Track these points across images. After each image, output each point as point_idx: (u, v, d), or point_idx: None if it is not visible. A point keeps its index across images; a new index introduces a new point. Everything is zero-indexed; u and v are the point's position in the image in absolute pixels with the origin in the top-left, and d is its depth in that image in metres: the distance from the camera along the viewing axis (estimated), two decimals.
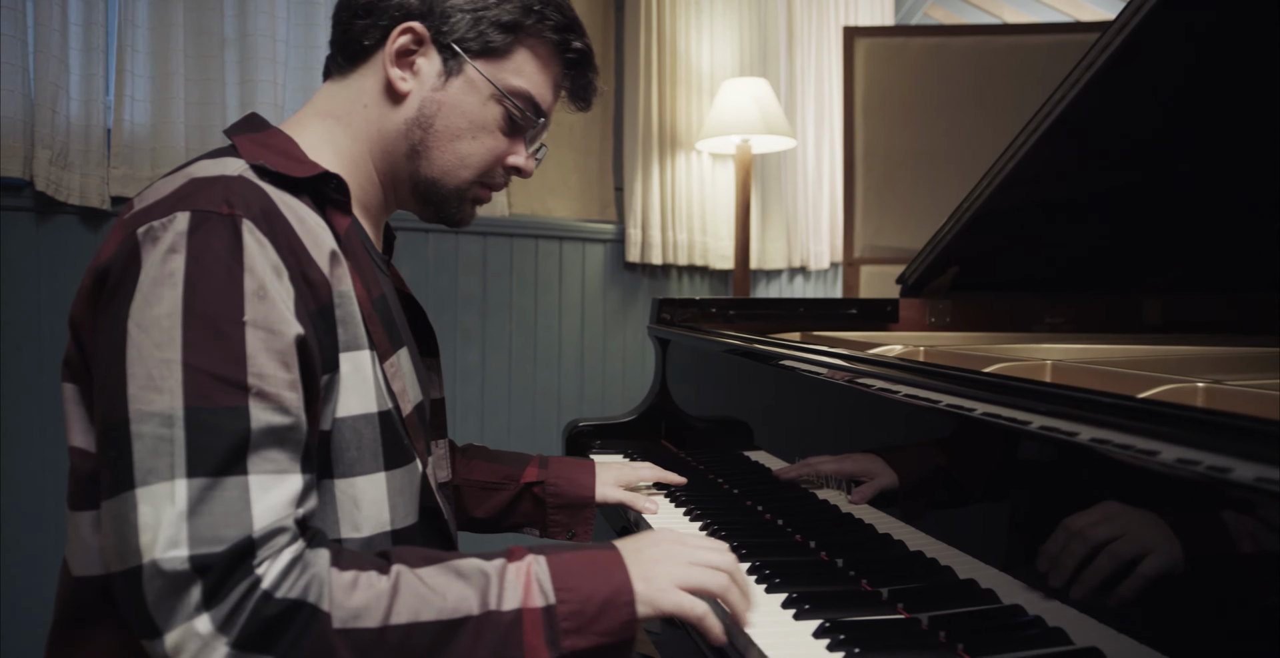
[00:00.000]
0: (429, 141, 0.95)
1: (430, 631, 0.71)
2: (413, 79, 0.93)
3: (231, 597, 0.67)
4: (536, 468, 1.24)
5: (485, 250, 2.75)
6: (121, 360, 0.71)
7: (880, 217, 3.01)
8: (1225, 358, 1.25)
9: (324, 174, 0.86)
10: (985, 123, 2.88)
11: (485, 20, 0.92)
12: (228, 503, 0.68)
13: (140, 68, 2.05)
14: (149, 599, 0.66)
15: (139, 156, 2.03)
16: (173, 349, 0.70)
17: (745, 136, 2.92)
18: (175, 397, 0.69)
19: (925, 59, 3.00)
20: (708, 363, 1.60)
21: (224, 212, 0.75)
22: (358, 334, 0.83)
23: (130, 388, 0.70)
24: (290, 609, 0.68)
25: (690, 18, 3.16)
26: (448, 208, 1.00)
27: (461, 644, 0.71)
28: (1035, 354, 1.28)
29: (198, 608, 0.66)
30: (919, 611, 0.84)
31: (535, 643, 0.72)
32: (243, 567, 0.68)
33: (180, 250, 0.73)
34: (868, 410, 1.07)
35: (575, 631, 0.73)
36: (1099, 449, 0.66)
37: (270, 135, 0.89)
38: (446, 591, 0.73)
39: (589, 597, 0.75)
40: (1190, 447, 0.58)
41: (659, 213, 3.06)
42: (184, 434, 0.68)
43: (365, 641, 0.69)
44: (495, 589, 0.74)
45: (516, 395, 2.82)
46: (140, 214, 0.77)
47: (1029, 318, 1.85)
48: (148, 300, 0.71)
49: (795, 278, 3.53)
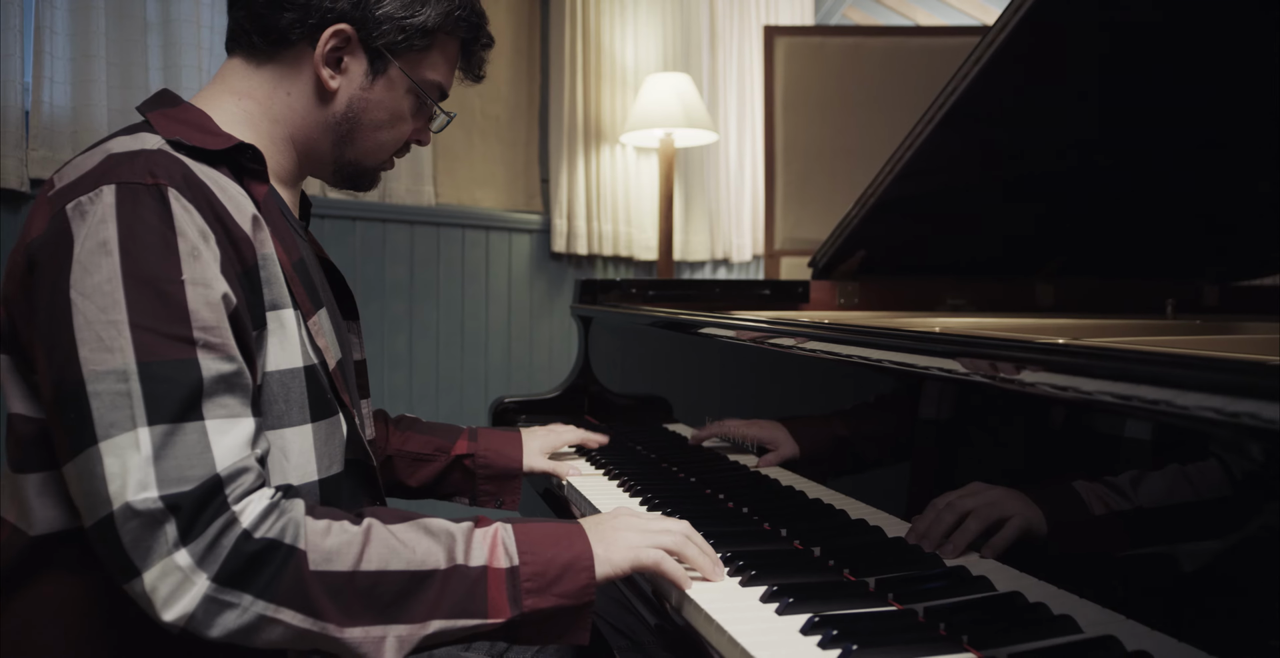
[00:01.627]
0: (356, 133, 1.02)
1: (398, 579, 0.76)
2: (340, 78, 0.99)
3: (208, 532, 0.71)
4: (467, 441, 1.30)
5: (412, 239, 2.78)
6: (69, 328, 0.74)
7: (800, 209, 3.11)
8: (1094, 327, 1.37)
9: (239, 145, 0.90)
10: (898, 120, 2.98)
11: (412, 27, 0.99)
12: (189, 446, 0.73)
13: (59, 49, 2.03)
14: (125, 541, 0.70)
15: (59, 139, 2.02)
16: (118, 311, 0.74)
17: (668, 130, 3.00)
18: (127, 354, 0.73)
19: (842, 58, 3.12)
20: (628, 340, 1.67)
21: (149, 182, 0.79)
22: (281, 294, 0.88)
23: (81, 352, 0.73)
24: (268, 548, 0.73)
25: (615, 13, 3.22)
26: (361, 181, 1.09)
27: (428, 595, 0.77)
28: (931, 324, 1.38)
29: (175, 544, 0.70)
30: (911, 602, 0.79)
31: (498, 599, 0.78)
32: (215, 503, 0.72)
33: (111, 220, 0.76)
34: (780, 375, 1.15)
35: (536, 591, 0.79)
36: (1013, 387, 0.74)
37: (183, 110, 0.93)
38: (416, 544, 0.78)
39: (551, 560, 0.81)
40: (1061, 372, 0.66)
41: (584, 204, 3.12)
42: (140, 387, 0.72)
43: (337, 582, 0.74)
44: (462, 547, 0.80)
45: (444, 382, 2.85)
46: (65, 191, 0.80)
47: (933, 299, 1.96)
48: (86, 270, 0.75)
49: (718, 269, 3.62)
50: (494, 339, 3.00)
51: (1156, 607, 0.62)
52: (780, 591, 0.81)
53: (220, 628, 0.72)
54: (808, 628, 0.74)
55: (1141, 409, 0.61)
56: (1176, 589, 0.61)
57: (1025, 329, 1.30)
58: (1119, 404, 0.63)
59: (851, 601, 0.81)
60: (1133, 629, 0.63)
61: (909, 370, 0.87)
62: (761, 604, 0.80)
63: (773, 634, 0.74)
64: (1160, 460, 0.62)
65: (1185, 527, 0.60)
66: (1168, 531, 0.62)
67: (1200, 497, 0.59)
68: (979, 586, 0.76)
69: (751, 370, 1.22)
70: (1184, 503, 0.60)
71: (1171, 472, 0.61)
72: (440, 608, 0.77)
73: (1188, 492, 0.60)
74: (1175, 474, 0.61)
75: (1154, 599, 0.62)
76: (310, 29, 0.96)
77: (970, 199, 1.78)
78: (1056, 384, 0.68)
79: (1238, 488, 0.56)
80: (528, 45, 3.16)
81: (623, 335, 1.69)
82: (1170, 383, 0.58)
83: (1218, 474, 0.57)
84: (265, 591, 0.72)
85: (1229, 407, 0.53)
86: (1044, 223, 1.88)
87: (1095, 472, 0.67)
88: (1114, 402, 0.63)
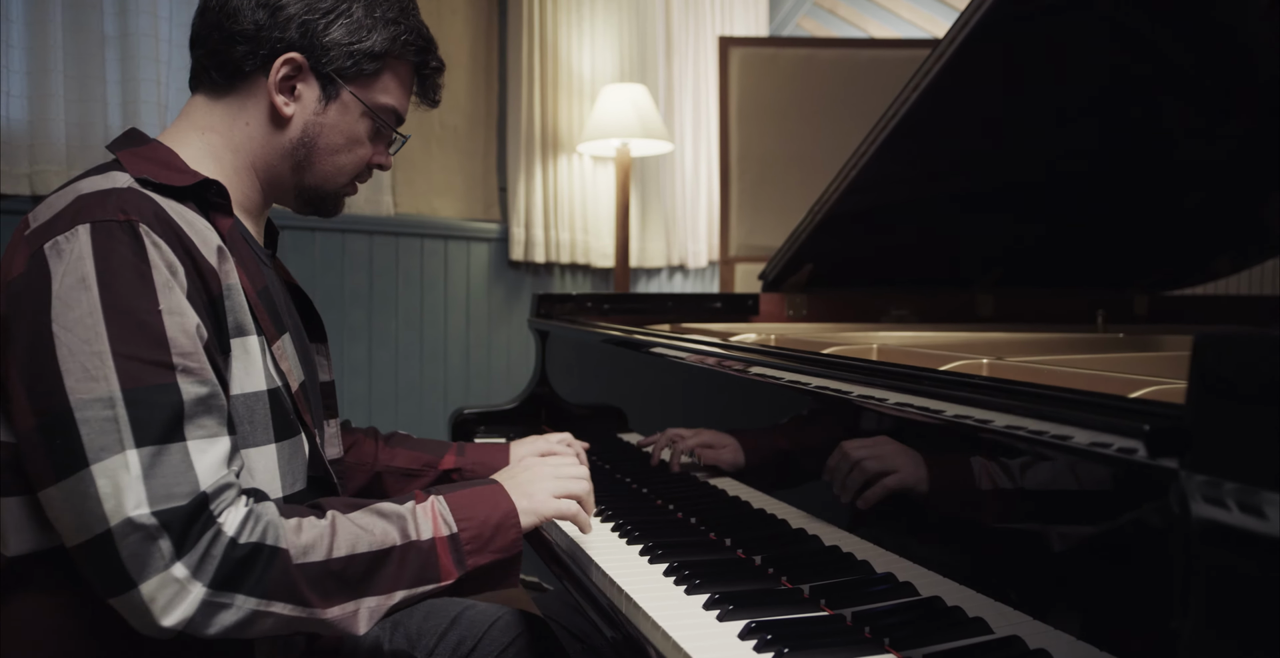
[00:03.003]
0: (312, 158, 1.06)
1: (365, 560, 0.86)
2: (295, 104, 1.03)
3: (199, 545, 0.78)
4: (454, 455, 1.35)
5: (371, 249, 2.81)
6: (53, 360, 0.79)
7: (754, 217, 3.18)
8: (1020, 342, 1.45)
9: (204, 181, 0.95)
10: (851, 130, 3.05)
11: (360, 52, 1.03)
12: (174, 466, 0.79)
13: (16, 63, 2.04)
14: (123, 555, 0.76)
15: (17, 153, 2.03)
16: (100, 343, 0.79)
17: (624, 140, 3.06)
18: (111, 382, 0.78)
19: (796, 69, 3.19)
20: (585, 353, 1.72)
21: (120, 219, 0.84)
22: (246, 321, 0.93)
23: (67, 382, 0.78)
24: (254, 551, 0.80)
25: (572, 24, 3.27)
26: (326, 206, 1.12)
27: (389, 570, 0.87)
28: (869, 340, 1.45)
29: (171, 557, 0.76)
30: (840, 607, 0.86)
31: (447, 564, 0.89)
32: (202, 518, 0.78)
33: (88, 257, 0.81)
34: (725, 390, 1.21)
35: (476, 551, 0.91)
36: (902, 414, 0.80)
37: (151, 148, 0.98)
38: (373, 527, 0.88)
39: (484, 522, 0.93)
40: (972, 406, 0.73)
41: (542, 213, 3.17)
42: (125, 412, 0.78)
43: (316, 571, 0.83)
44: (411, 524, 0.90)
45: (404, 390, 2.89)
46: (40, 231, 0.85)
47: (877, 311, 2.03)
48: (67, 304, 0.80)
49: (674, 276, 3.68)
50: (453, 347, 3.03)
51: (1057, 609, 0.69)
52: (721, 598, 0.87)
53: (217, 626, 0.78)
54: (745, 633, 0.81)
55: (1003, 433, 0.68)
56: (1072, 594, 0.67)
57: (963, 345, 1.37)
58: (1009, 433, 0.70)
59: (787, 607, 0.87)
60: (1036, 629, 0.69)
61: (836, 396, 0.94)
62: (704, 611, 0.87)
63: (713, 639, 0.81)
64: (1044, 478, 0.69)
65: (1069, 538, 0.67)
66: (1055, 541, 0.69)
67: (1077, 513, 0.65)
68: (904, 591, 0.82)
69: (699, 386, 1.28)
70: (1067, 517, 0.67)
71: (1045, 489, 0.68)
72: (402, 580, 0.87)
73: (1066, 507, 0.67)
74: (1050, 491, 0.68)
75: (1054, 602, 0.69)
76: (263, 59, 1.00)
77: (914, 213, 1.85)
78: (959, 414, 0.75)
79: (1103, 506, 0.63)
80: (485, 56, 3.20)
81: (578, 349, 1.74)
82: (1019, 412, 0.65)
83: (1080, 492, 0.64)
84: (256, 589, 0.80)
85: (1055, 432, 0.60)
86: (985, 235, 1.96)
87: (989, 481, 0.73)
88: (1007, 432, 0.70)
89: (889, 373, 0.87)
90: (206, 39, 1.02)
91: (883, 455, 0.86)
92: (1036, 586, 0.70)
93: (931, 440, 0.84)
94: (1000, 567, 0.75)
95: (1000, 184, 1.80)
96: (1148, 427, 0.53)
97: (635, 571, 0.99)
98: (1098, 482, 0.63)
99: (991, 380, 0.76)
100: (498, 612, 1.24)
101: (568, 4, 3.26)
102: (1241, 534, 0.49)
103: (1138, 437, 0.54)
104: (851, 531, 0.91)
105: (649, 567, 1.00)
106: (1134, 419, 0.55)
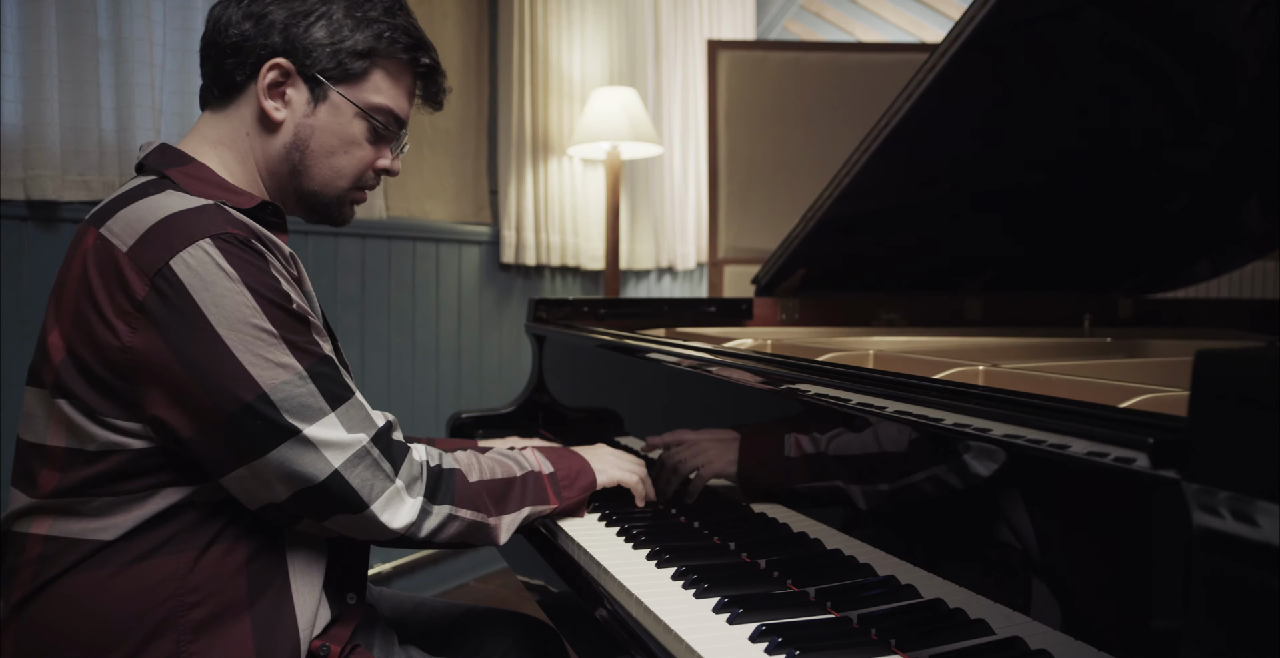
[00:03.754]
0: (307, 161, 1.08)
1: (503, 483, 1.09)
2: (284, 109, 1.05)
3: (405, 467, 0.97)
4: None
5: (364, 252, 2.82)
6: (230, 357, 0.89)
7: (742, 220, 3.21)
8: (1012, 347, 1.48)
9: (263, 203, 1.02)
10: (838, 133, 3.11)
11: (343, 51, 1.05)
12: (359, 413, 0.96)
13: (10, 68, 2.04)
14: (354, 484, 0.93)
15: (12, 157, 2.03)
16: (272, 336, 0.91)
17: (614, 143, 3.08)
18: (294, 365, 0.91)
19: (783, 72, 3.23)
20: (581, 358, 1.74)
21: (230, 231, 0.91)
22: (321, 325, 1.01)
23: (254, 372, 0.89)
24: (445, 472, 1.03)
25: (562, 28, 3.29)
26: (330, 212, 1.14)
27: (516, 492, 1.10)
28: (864, 345, 1.48)
29: (391, 476, 0.96)
30: (846, 609, 0.89)
31: (550, 492, 1.16)
32: (396, 447, 0.98)
33: (226, 266, 0.90)
34: (720, 395, 1.23)
35: (567, 486, 1.18)
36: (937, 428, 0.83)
37: (196, 167, 1.02)
38: (501, 461, 1.13)
39: (569, 467, 1.20)
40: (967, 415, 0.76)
41: (533, 215, 3.19)
42: (314, 386, 0.92)
43: (475, 488, 1.05)
44: (524, 461, 1.16)
45: (396, 392, 2.90)
46: (142, 250, 0.89)
47: (868, 314, 2.07)
48: (224, 309, 0.89)
49: (663, 277, 3.71)
50: (444, 349, 3.05)
51: (1056, 611, 0.71)
52: (731, 602, 0.89)
53: (426, 529, 0.98)
54: (756, 635, 0.83)
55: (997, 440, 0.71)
56: (1071, 596, 0.70)
57: (957, 351, 1.40)
58: (1007, 441, 0.72)
59: (794, 610, 0.89)
60: (1036, 629, 0.72)
61: (833, 405, 0.96)
62: (714, 615, 0.89)
63: (725, 642, 0.83)
64: (1042, 485, 0.71)
65: (1067, 543, 0.70)
66: (1053, 545, 0.71)
67: (1075, 519, 0.68)
68: (906, 593, 0.85)
69: (694, 390, 1.30)
70: (1066, 523, 0.70)
71: (1043, 496, 0.71)
72: (526, 499, 1.11)
73: (1064, 514, 0.69)
74: (1048, 498, 0.70)
75: (1054, 605, 0.72)
76: (251, 69, 1.03)
77: (903, 218, 1.88)
78: (962, 423, 0.78)
79: (1102, 513, 0.65)
80: (476, 59, 3.21)
81: (575, 353, 1.76)
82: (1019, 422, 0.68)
83: (1078, 499, 0.67)
84: (448, 497, 1.01)
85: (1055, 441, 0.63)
86: (974, 239, 1.99)
87: (984, 487, 0.76)
88: (1004, 438, 0.73)
89: (890, 382, 0.90)
90: (207, 56, 1.06)
91: (879, 462, 0.88)
92: (1035, 588, 0.73)
93: (929, 447, 0.87)
94: (999, 570, 0.78)
95: (989, 189, 1.84)
96: (1152, 439, 0.56)
97: (644, 575, 1.01)
98: (1096, 489, 0.66)
99: (993, 391, 0.78)
100: (501, 614, 1.26)
101: (558, 8, 3.28)
102: (1234, 539, 0.52)
103: (1142, 448, 0.57)
104: (851, 534, 0.94)
105: (657, 571, 1.02)
106: (1138, 431, 0.58)
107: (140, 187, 0.97)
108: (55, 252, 2.10)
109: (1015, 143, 1.68)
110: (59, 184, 2.07)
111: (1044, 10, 1.38)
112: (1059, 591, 0.70)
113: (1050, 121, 1.62)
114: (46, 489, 0.92)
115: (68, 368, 0.91)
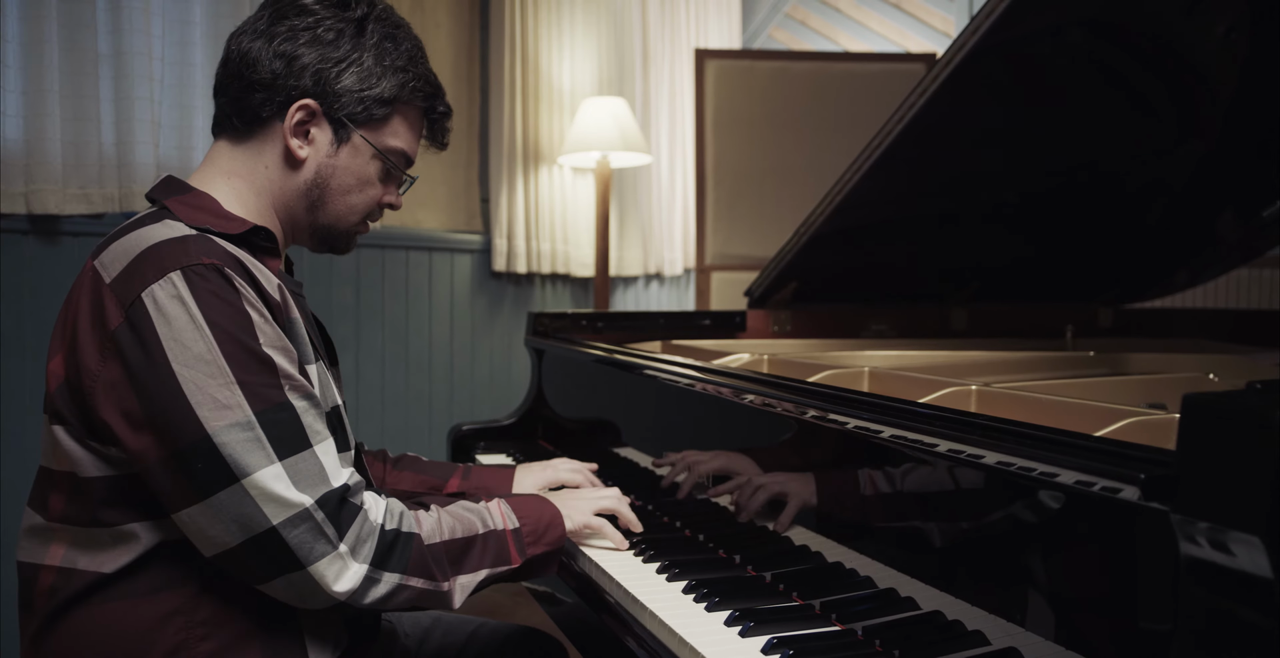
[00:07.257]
0: (325, 198, 1.11)
1: (463, 543, 1.03)
2: (308, 147, 1.09)
3: (353, 530, 0.93)
4: (459, 479, 1.41)
5: (358, 262, 2.85)
6: (180, 397, 0.88)
7: (729, 227, 3.26)
8: (1001, 361, 1.53)
9: (254, 228, 1.03)
10: (822, 141, 3.18)
11: (369, 98, 1.09)
12: (312, 468, 0.92)
13: (12, 83, 2.06)
14: (291, 543, 0.89)
15: (13, 172, 2.05)
16: (225, 376, 0.89)
17: (604, 152, 3.12)
18: (244, 408, 0.89)
19: (770, 81, 3.27)
20: (579, 371, 1.78)
21: (205, 262, 0.92)
22: (307, 350, 1.01)
23: (200, 413, 0.88)
24: (398, 536, 0.97)
25: (551, 38, 3.33)
26: (338, 244, 1.19)
27: (477, 550, 1.04)
28: (857, 361, 1.53)
29: (335, 539, 0.91)
30: (851, 622, 0.93)
31: (514, 551, 1.07)
32: (349, 508, 0.93)
33: (189, 300, 0.90)
34: (714, 410, 1.28)
35: (533, 543, 1.09)
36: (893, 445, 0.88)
37: (196, 197, 1.04)
38: (463, 517, 1.06)
39: (538, 520, 1.11)
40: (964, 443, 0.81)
41: (523, 224, 3.23)
42: (263, 432, 0.89)
43: (435, 551, 0.99)
44: (488, 517, 1.08)
45: (390, 401, 2.93)
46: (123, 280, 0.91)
47: (857, 325, 2.12)
48: (183, 345, 0.89)
49: (651, 284, 3.75)
50: (437, 357, 3.08)
51: (1050, 622, 0.76)
52: (741, 615, 0.94)
53: (370, 598, 0.94)
54: (768, 648, 0.87)
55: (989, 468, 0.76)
56: (1065, 608, 0.75)
57: (942, 368, 1.45)
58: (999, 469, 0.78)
59: (802, 622, 0.94)
60: (1030, 640, 0.77)
61: (834, 426, 1.01)
62: (725, 628, 0.93)
63: (739, 655, 0.87)
64: (1033, 508, 0.76)
65: (1060, 560, 0.75)
66: (1045, 561, 0.76)
67: (1067, 540, 0.73)
68: (907, 605, 0.90)
69: (689, 404, 1.35)
70: (1059, 543, 0.75)
71: (1035, 517, 0.76)
72: (485, 560, 1.05)
73: (1057, 535, 0.74)
74: (1041, 520, 0.76)
75: (1049, 616, 0.77)
76: (279, 106, 1.06)
77: (892, 233, 1.94)
78: (952, 449, 0.83)
79: (1093, 534, 0.71)
80: (467, 69, 3.24)
81: (574, 366, 1.81)
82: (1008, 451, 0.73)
83: (1072, 522, 0.72)
84: (399, 566, 0.96)
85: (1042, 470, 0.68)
86: (960, 252, 2.05)
87: (975, 506, 0.81)
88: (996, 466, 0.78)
89: (887, 408, 0.94)
90: (228, 87, 1.08)
91: (877, 481, 0.93)
92: (1031, 600, 0.78)
93: (924, 468, 0.92)
94: (994, 582, 0.83)
95: (976, 203, 1.89)
96: (1143, 475, 0.61)
97: (655, 589, 1.06)
98: (1089, 512, 0.71)
99: (989, 419, 0.83)
100: (511, 630, 1.30)
101: (547, 18, 3.31)
102: (1215, 566, 0.58)
103: (1133, 483, 0.62)
104: (850, 547, 0.99)
105: (668, 585, 1.07)
106: (1130, 465, 0.63)
107: (140, 218, 1.00)
108: (57, 265, 2.13)
109: (1002, 157, 1.74)
110: (60, 198, 2.10)
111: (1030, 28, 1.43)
112: (1054, 603, 0.75)
113: (1035, 136, 1.68)
114: (55, 513, 0.96)
115: (62, 394, 0.94)
